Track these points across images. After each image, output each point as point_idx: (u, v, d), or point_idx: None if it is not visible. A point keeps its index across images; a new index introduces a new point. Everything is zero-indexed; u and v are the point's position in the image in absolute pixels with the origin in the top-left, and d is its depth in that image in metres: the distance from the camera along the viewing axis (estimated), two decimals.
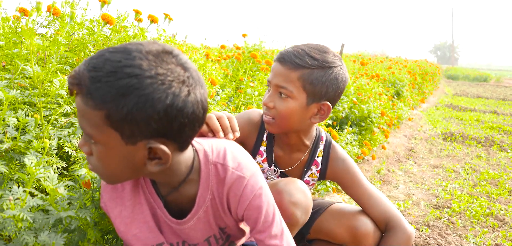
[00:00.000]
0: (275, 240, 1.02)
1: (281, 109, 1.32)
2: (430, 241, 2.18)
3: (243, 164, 1.02)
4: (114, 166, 0.89)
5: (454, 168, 4.01)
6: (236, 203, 1.01)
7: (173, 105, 0.81)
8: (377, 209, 1.43)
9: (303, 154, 1.48)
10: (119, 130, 0.82)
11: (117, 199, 1.03)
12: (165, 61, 0.82)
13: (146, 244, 1.04)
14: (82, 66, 0.81)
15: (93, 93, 0.79)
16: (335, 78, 1.32)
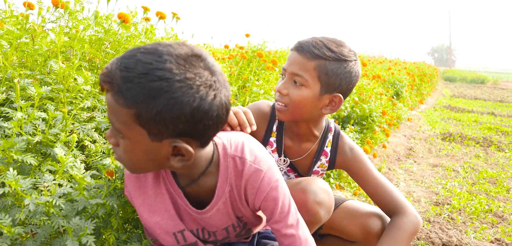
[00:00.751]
0: (291, 229, 1.08)
1: (295, 97, 1.36)
2: (432, 235, 2.25)
3: (260, 157, 1.08)
4: (139, 159, 0.94)
5: (453, 167, 4.09)
6: (254, 195, 1.07)
7: (199, 108, 0.86)
8: (386, 197, 1.47)
9: (313, 144, 1.52)
10: (147, 128, 0.87)
11: (140, 188, 1.08)
12: (193, 65, 0.86)
13: (168, 231, 1.10)
14: (114, 65, 0.86)
15: (124, 93, 0.83)
16: (349, 72, 1.37)
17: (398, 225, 1.42)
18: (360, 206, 1.57)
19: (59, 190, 1.11)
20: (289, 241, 1.07)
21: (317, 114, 1.43)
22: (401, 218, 1.44)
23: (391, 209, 1.47)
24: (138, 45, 1.76)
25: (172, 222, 1.10)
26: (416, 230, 1.44)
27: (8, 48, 1.38)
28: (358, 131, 3.47)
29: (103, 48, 1.51)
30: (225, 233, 1.16)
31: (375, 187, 1.49)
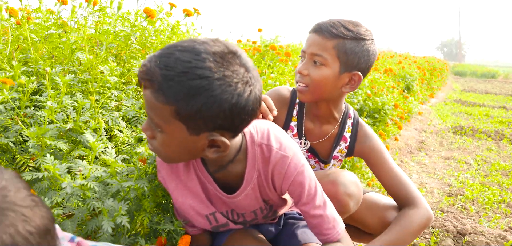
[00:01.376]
0: (319, 210, 1.13)
1: (315, 76, 1.40)
2: (446, 224, 2.28)
3: (285, 144, 1.12)
4: (176, 151, 0.99)
5: (465, 159, 4.10)
6: (281, 180, 1.11)
7: (237, 104, 0.89)
8: (400, 189, 1.49)
9: (333, 127, 1.55)
10: (186, 123, 0.91)
11: (173, 174, 1.14)
12: (230, 62, 0.90)
13: (200, 213, 1.16)
14: (153, 62, 0.89)
15: (165, 91, 0.87)
16: (367, 51, 1.40)
17: (409, 215, 1.44)
18: (379, 198, 1.59)
19: (92, 174, 1.17)
20: (318, 221, 1.12)
21: (337, 94, 1.45)
22: (413, 209, 1.45)
23: (404, 201, 1.49)
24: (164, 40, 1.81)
25: (203, 205, 1.15)
26: (426, 223, 1.46)
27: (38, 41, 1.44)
28: (370, 124, 3.49)
29: (129, 43, 1.56)
30: (253, 215, 1.20)
31: (390, 177, 1.50)
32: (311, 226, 1.14)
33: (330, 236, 1.12)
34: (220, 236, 1.26)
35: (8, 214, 0.58)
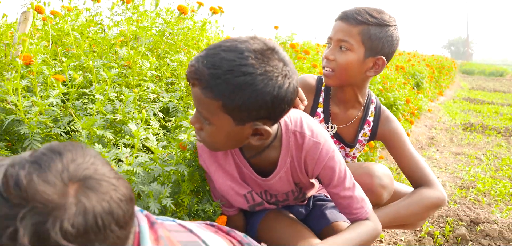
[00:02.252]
0: (349, 191, 1.22)
1: (341, 61, 1.49)
2: (460, 213, 2.36)
3: (317, 131, 1.21)
4: (222, 140, 1.09)
5: (476, 155, 4.16)
6: (313, 165, 1.20)
7: (278, 96, 0.99)
8: (417, 171, 1.58)
9: (357, 111, 1.64)
10: (232, 115, 1.01)
11: (213, 158, 1.24)
12: (270, 58, 0.99)
13: (239, 193, 1.26)
14: (200, 62, 0.98)
15: (213, 88, 0.97)
16: (390, 36, 1.49)
17: (422, 192, 1.54)
18: (402, 188, 1.68)
19: (135, 160, 1.27)
20: (348, 202, 1.21)
21: (362, 78, 1.54)
22: (427, 189, 1.54)
23: (420, 182, 1.57)
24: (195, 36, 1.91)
25: (240, 186, 1.25)
26: (438, 203, 1.54)
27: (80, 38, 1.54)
28: None
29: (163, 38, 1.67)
30: (285, 196, 1.30)
31: (408, 161, 1.59)
32: (341, 207, 1.23)
33: (359, 215, 1.22)
34: (255, 216, 1.36)
35: (102, 184, 0.68)
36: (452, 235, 2.20)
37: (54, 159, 0.67)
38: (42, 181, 0.63)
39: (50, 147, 0.70)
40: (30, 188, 0.61)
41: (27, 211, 0.61)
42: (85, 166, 0.68)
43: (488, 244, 2.12)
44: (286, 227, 1.29)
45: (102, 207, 0.67)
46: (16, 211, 0.60)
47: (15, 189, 0.61)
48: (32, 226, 0.60)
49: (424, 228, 2.30)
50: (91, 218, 0.65)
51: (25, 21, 1.59)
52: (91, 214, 0.65)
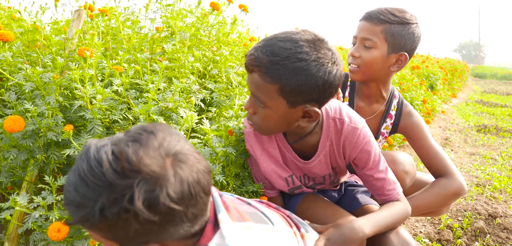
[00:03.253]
0: (382, 174, 1.33)
1: (366, 58, 1.60)
2: (478, 207, 2.45)
3: (354, 118, 1.33)
4: (274, 123, 1.21)
5: (491, 155, 4.23)
6: (351, 149, 1.32)
7: (328, 80, 1.11)
8: (437, 162, 1.68)
9: (380, 105, 1.75)
10: (287, 98, 1.13)
11: (259, 143, 1.36)
12: (320, 47, 1.11)
13: (281, 176, 1.38)
14: (259, 51, 1.11)
15: (272, 73, 1.09)
16: (412, 33, 1.60)
17: (443, 182, 1.64)
18: (422, 175, 1.79)
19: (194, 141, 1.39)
20: (381, 184, 1.32)
21: (385, 73, 1.65)
22: (447, 179, 1.64)
23: (440, 172, 1.67)
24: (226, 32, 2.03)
25: (282, 169, 1.37)
26: (458, 193, 1.64)
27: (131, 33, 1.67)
28: None
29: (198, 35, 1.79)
30: (322, 180, 1.42)
31: (429, 152, 1.69)
32: (375, 188, 1.34)
33: (391, 196, 1.33)
34: (294, 199, 1.48)
35: (189, 158, 0.81)
36: (470, 228, 2.29)
37: (150, 137, 0.79)
38: (146, 156, 0.75)
39: (143, 127, 0.82)
40: (138, 163, 0.74)
41: (138, 181, 0.73)
42: (174, 143, 0.81)
43: (506, 236, 2.21)
44: (324, 208, 1.41)
45: (192, 177, 0.79)
46: (130, 182, 0.72)
47: (126, 163, 0.73)
48: (144, 192, 0.73)
49: (443, 221, 2.39)
50: (186, 186, 0.78)
51: (78, 18, 1.73)
52: (186, 183, 0.78)
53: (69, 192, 0.77)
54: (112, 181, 0.72)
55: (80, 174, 0.76)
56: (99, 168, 0.74)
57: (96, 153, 0.76)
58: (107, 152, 0.75)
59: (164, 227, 0.78)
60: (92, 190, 0.74)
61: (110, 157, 0.74)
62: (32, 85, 1.35)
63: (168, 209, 0.75)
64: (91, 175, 0.74)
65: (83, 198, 0.75)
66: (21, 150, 1.37)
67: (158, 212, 0.74)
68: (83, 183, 0.75)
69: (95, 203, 0.73)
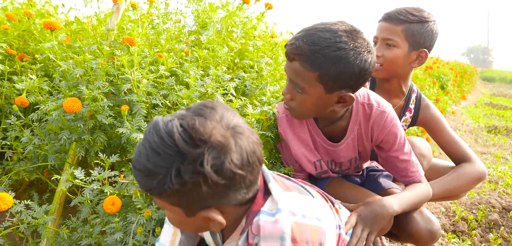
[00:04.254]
0: (407, 156, 1.42)
1: (389, 56, 1.70)
2: (492, 201, 2.52)
3: (382, 102, 1.41)
4: (310, 107, 1.29)
5: (502, 154, 4.29)
6: (379, 131, 1.40)
7: (364, 67, 1.20)
8: (457, 150, 1.77)
9: (400, 100, 1.84)
10: (325, 85, 1.21)
11: (290, 127, 1.45)
12: (357, 37, 1.20)
13: (310, 160, 1.47)
14: (300, 40, 1.19)
15: (312, 61, 1.18)
16: (431, 30, 1.70)
17: (464, 167, 1.74)
18: (441, 161, 1.87)
19: None
20: (405, 165, 1.41)
21: (407, 70, 1.75)
22: (468, 164, 1.74)
23: (461, 159, 1.77)
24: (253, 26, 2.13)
25: (312, 153, 1.46)
26: (479, 177, 1.73)
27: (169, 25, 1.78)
28: None
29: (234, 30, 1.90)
30: (348, 164, 1.51)
31: (448, 141, 1.79)
32: (399, 170, 1.43)
33: (414, 177, 1.42)
34: (320, 182, 1.57)
35: (245, 130, 0.90)
36: (484, 220, 2.36)
37: (212, 112, 0.89)
38: (211, 127, 0.85)
39: (203, 103, 0.92)
40: (205, 133, 0.83)
41: (206, 149, 0.82)
42: (231, 118, 0.90)
43: None
44: (351, 189, 1.50)
45: (249, 147, 0.89)
46: (199, 150, 0.82)
47: (195, 134, 0.83)
48: (212, 159, 0.83)
49: (457, 213, 2.47)
50: (245, 155, 0.87)
51: (117, 11, 1.84)
52: (245, 152, 0.88)
53: (140, 163, 0.86)
54: (184, 149, 0.82)
55: (151, 146, 0.85)
56: (171, 139, 0.83)
57: (165, 127, 0.85)
58: (176, 124, 0.85)
59: (226, 192, 0.88)
60: (164, 159, 0.83)
61: (180, 129, 0.84)
62: (81, 70, 1.46)
63: (232, 174, 0.85)
64: (163, 145, 0.83)
65: (155, 167, 0.84)
66: (72, 132, 1.48)
67: (224, 176, 0.84)
68: (155, 154, 0.84)
69: (167, 171, 0.83)
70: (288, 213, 0.95)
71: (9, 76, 1.90)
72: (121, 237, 1.24)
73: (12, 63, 2.00)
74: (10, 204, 1.23)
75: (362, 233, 1.22)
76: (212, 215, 0.91)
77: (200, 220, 0.93)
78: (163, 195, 0.87)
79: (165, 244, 1.15)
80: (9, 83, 1.96)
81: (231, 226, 1.00)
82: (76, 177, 1.27)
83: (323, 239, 0.99)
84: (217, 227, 0.94)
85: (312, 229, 0.96)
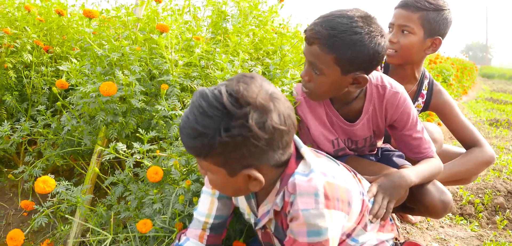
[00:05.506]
0: (419, 134, 1.51)
1: (404, 43, 1.77)
2: (497, 186, 2.62)
3: (395, 84, 1.51)
4: (327, 88, 1.38)
5: (505, 146, 4.39)
6: (392, 110, 1.49)
7: (377, 50, 1.29)
8: (468, 134, 1.86)
9: (412, 85, 1.92)
10: (341, 66, 1.30)
11: (309, 108, 1.54)
12: (371, 22, 1.29)
13: (328, 139, 1.56)
14: (318, 26, 1.28)
15: (330, 44, 1.27)
16: (446, 18, 1.77)
17: (474, 151, 1.82)
18: (452, 148, 1.97)
19: None
20: (418, 142, 1.51)
21: (421, 56, 1.83)
22: (478, 149, 1.83)
23: (471, 144, 1.85)
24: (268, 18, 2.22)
25: (329, 132, 1.56)
26: (489, 161, 1.81)
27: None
28: None
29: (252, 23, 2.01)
30: (363, 143, 1.60)
31: (459, 126, 1.87)
32: (412, 147, 1.52)
33: (426, 153, 1.51)
34: (338, 160, 1.66)
35: (280, 97, 1.00)
36: (491, 204, 2.46)
37: (252, 80, 0.98)
38: (254, 92, 0.94)
39: (242, 74, 1.02)
40: (249, 96, 0.93)
41: (251, 109, 0.92)
42: (268, 86, 1.01)
43: None
44: (369, 164, 1.59)
45: (286, 111, 0.99)
46: (245, 110, 0.92)
47: (241, 97, 0.93)
48: (256, 118, 0.92)
49: (464, 197, 2.57)
50: (282, 117, 0.98)
51: (143, 2, 1.93)
52: (282, 114, 0.98)
53: (189, 127, 0.96)
54: (231, 110, 0.92)
55: (199, 110, 0.95)
56: (218, 102, 0.93)
57: (211, 93, 0.96)
58: (222, 90, 0.95)
59: (266, 151, 0.98)
60: (213, 120, 0.93)
61: (226, 94, 0.94)
62: (118, 54, 1.55)
63: (272, 130, 0.95)
64: (211, 108, 0.93)
65: (204, 128, 0.94)
66: (107, 114, 1.57)
67: (266, 132, 0.94)
68: (204, 116, 0.94)
69: (215, 130, 0.93)
70: (320, 173, 1.05)
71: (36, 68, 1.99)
72: (160, 207, 1.34)
73: (39, 55, 2.10)
74: (53, 186, 1.32)
75: (382, 201, 1.32)
76: (253, 173, 1.00)
77: (241, 180, 1.02)
78: (210, 155, 0.97)
79: (203, 212, 1.25)
80: (36, 74, 2.06)
81: (267, 188, 1.10)
82: (118, 150, 1.36)
83: (351, 199, 1.09)
84: (257, 186, 1.03)
85: (341, 189, 1.06)
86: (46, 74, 2.02)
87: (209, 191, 1.26)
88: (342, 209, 1.05)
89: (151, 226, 1.24)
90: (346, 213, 1.08)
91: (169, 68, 1.51)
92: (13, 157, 2.32)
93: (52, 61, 2.16)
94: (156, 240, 1.33)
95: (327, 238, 1.01)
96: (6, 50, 1.95)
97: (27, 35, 1.99)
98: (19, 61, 2.03)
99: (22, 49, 1.97)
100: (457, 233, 2.16)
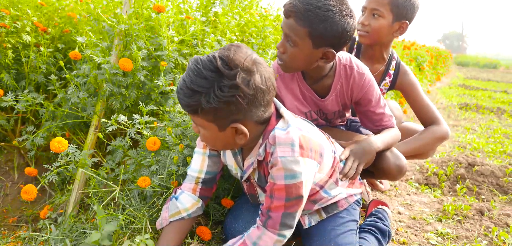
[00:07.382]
0: (382, 109, 1.71)
1: (374, 25, 1.97)
2: (460, 159, 2.89)
3: (361, 66, 1.69)
4: (299, 61, 1.55)
5: (471, 126, 4.70)
6: (358, 90, 1.68)
7: (345, 29, 1.46)
8: (427, 113, 2.07)
9: (381, 65, 2.13)
10: (313, 40, 1.46)
11: (283, 84, 1.72)
12: (342, 3, 1.45)
13: (302, 111, 1.74)
14: (297, 1, 1.44)
15: (305, 18, 1.43)
16: (413, 4, 1.97)
17: (432, 129, 2.04)
18: (412, 125, 2.19)
19: None
20: (380, 116, 1.71)
21: (389, 39, 2.03)
22: (435, 126, 2.04)
23: (429, 121, 2.07)
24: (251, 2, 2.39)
25: (303, 106, 1.74)
26: (443, 137, 2.03)
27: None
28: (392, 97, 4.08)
29: None
30: (332, 116, 1.80)
31: (421, 105, 2.08)
32: (375, 120, 1.73)
33: (388, 124, 1.73)
34: None
35: (262, 63, 1.19)
36: (453, 175, 2.72)
37: (239, 48, 1.17)
38: (241, 57, 1.13)
39: (230, 44, 1.20)
40: (238, 60, 1.12)
41: (239, 71, 1.11)
42: (251, 53, 1.19)
43: (482, 180, 2.65)
44: (340, 133, 1.80)
45: (267, 74, 1.18)
46: (235, 71, 1.11)
47: (230, 61, 1.11)
48: (243, 78, 1.11)
49: (430, 169, 2.82)
50: (264, 79, 1.17)
51: None
52: (264, 77, 1.17)
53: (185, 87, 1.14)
54: (223, 71, 1.11)
55: (194, 73, 1.14)
56: (212, 64, 1.12)
57: (205, 58, 1.14)
58: (215, 55, 1.13)
59: (250, 108, 1.16)
60: (207, 80, 1.12)
61: (219, 58, 1.12)
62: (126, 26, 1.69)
63: (256, 88, 1.14)
64: (205, 69, 1.12)
65: (199, 87, 1.12)
66: (114, 86, 1.72)
67: (251, 89, 1.13)
68: (199, 77, 1.12)
69: (209, 89, 1.11)
70: (296, 128, 1.25)
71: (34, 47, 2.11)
72: (157, 169, 1.51)
73: (37, 35, 2.22)
74: (66, 146, 1.47)
75: (353, 163, 1.53)
76: (240, 127, 1.19)
77: (229, 134, 1.21)
78: (203, 111, 1.15)
79: (195, 168, 1.44)
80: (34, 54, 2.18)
81: (251, 143, 1.29)
82: (119, 121, 1.52)
83: (323, 151, 1.29)
84: (243, 139, 1.22)
85: (314, 141, 1.26)
86: (44, 54, 2.14)
87: (201, 150, 1.44)
88: (315, 158, 1.26)
89: (150, 182, 1.42)
90: (318, 163, 1.28)
91: (166, 44, 1.67)
92: (8, 133, 2.43)
93: (49, 42, 2.29)
94: (154, 196, 1.51)
95: (301, 180, 1.21)
96: (6, 31, 2.07)
97: (28, 18, 2.10)
98: (18, 41, 2.15)
99: (21, 30, 2.09)
100: (422, 199, 2.40)
